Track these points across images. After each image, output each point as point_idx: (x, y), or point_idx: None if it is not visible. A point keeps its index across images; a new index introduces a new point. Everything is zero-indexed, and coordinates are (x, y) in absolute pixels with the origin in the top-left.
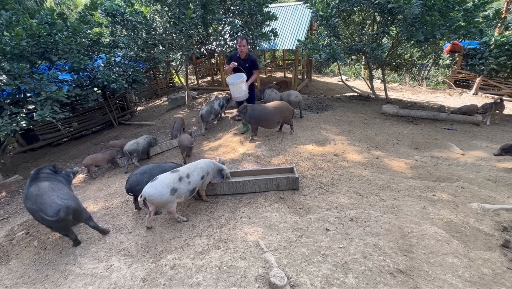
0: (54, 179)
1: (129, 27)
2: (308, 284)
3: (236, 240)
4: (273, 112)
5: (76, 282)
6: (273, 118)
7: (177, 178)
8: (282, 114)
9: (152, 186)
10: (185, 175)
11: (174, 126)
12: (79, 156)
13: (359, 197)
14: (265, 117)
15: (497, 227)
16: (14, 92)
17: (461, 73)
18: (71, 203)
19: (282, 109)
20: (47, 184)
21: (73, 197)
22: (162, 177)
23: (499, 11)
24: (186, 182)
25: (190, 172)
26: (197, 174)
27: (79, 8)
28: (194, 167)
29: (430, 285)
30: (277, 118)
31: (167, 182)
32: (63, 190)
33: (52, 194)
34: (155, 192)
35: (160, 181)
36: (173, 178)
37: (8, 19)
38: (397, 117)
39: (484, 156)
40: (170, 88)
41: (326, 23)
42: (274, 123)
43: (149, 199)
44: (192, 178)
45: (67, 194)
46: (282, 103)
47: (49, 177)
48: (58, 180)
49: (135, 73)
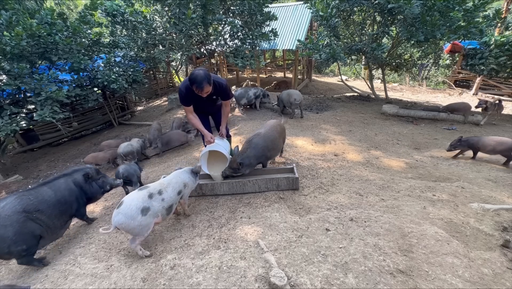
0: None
1: (129, 27)
2: (308, 284)
3: (236, 240)
4: (277, 139)
5: (76, 282)
6: (278, 146)
7: (146, 196)
8: (281, 137)
9: (119, 213)
10: (156, 191)
11: (173, 126)
12: (79, 156)
13: (359, 197)
14: (272, 146)
15: (497, 227)
16: (14, 92)
17: (461, 73)
18: None
19: (281, 130)
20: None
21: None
22: (127, 199)
23: (499, 11)
24: (158, 198)
25: (163, 187)
26: (171, 190)
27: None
28: (168, 182)
29: (430, 285)
30: (280, 145)
31: (135, 202)
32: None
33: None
34: (125, 218)
35: (126, 204)
36: (141, 196)
37: (8, 19)
38: (397, 117)
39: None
40: (170, 88)
41: (326, 23)
42: (278, 152)
43: (121, 228)
44: (166, 194)
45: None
46: (277, 122)
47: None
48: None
49: (135, 73)
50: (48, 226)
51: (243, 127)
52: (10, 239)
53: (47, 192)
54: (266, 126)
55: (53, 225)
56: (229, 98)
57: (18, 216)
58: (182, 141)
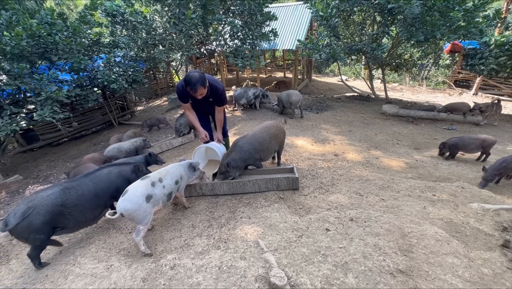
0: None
1: (129, 27)
2: (308, 284)
3: (236, 240)
4: (267, 140)
5: (76, 282)
6: (269, 148)
7: (149, 184)
8: (277, 140)
9: (125, 200)
10: (157, 179)
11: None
12: (79, 156)
13: (359, 197)
14: (261, 148)
15: (497, 227)
16: (14, 92)
17: (461, 73)
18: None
19: (276, 133)
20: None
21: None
22: (132, 187)
23: (499, 11)
24: (159, 186)
25: (162, 176)
26: (170, 178)
27: (79, 8)
28: (166, 171)
29: (430, 285)
30: (273, 147)
31: (140, 190)
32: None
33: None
34: (131, 205)
35: (132, 192)
36: (145, 184)
37: (8, 19)
38: (397, 117)
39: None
40: (170, 88)
41: (326, 23)
42: (270, 153)
43: (127, 215)
44: (166, 181)
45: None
46: (273, 124)
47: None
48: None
49: (135, 73)
50: (77, 220)
51: (243, 127)
52: (36, 227)
53: (88, 186)
54: (258, 127)
55: (84, 219)
56: (223, 105)
57: (54, 208)
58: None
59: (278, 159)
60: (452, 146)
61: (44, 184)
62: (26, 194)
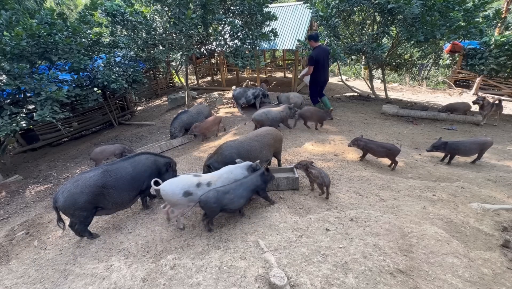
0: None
1: (129, 27)
2: (308, 284)
3: (236, 240)
4: (257, 150)
5: (76, 282)
6: (259, 157)
7: (195, 183)
8: (271, 149)
9: (169, 182)
10: (206, 182)
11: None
12: (79, 156)
13: (359, 197)
14: (248, 156)
15: (497, 227)
16: (14, 92)
17: (461, 73)
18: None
19: (271, 142)
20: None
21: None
22: (183, 176)
23: (499, 11)
24: (204, 189)
25: (213, 180)
26: (221, 184)
27: (79, 8)
28: (219, 176)
29: (430, 285)
30: (265, 156)
31: (184, 183)
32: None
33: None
34: (168, 189)
35: (178, 180)
36: (192, 181)
37: (8, 19)
38: (397, 117)
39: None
40: (170, 88)
41: (326, 23)
42: (262, 162)
43: (162, 193)
44: (213, 186)
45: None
46: (269, 132)
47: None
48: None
49: (135, 73)
50: (115, 201)
51: (243, 126)
52: (80, 204)
53: (127, 169)
54: (252, 134)
55: (120, 200)
56: None
57: (95, 189)
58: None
59: (278, 160)
60: (453, 150)
61: (44, 184)
62: (26, 194)
